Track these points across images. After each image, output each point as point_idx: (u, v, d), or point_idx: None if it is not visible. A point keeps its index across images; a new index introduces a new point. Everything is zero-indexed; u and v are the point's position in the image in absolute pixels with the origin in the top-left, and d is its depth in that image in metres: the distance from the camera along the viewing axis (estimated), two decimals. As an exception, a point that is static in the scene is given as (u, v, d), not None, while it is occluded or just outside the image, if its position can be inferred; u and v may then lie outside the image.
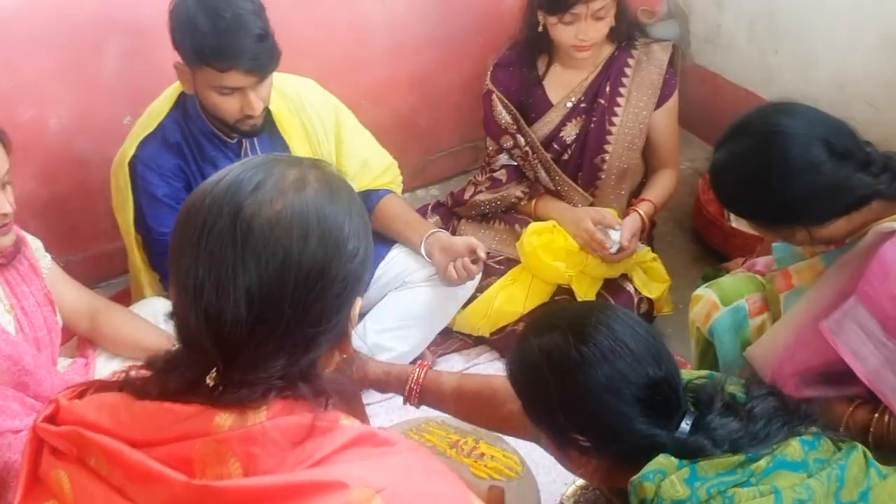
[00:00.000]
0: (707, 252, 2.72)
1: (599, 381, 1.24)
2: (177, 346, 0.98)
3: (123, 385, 0.97)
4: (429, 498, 0.92)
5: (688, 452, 1.21)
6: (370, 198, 2.36)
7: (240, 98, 1.95)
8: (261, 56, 1.89)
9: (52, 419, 0.98)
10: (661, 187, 2.52)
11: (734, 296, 1.87)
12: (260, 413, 0.90)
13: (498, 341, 2.39)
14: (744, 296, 1.87)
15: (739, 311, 1.84)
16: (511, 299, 2.36)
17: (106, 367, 1.96)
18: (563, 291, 2.38)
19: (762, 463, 1.18)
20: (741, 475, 1.18)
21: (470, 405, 1.65)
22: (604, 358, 1.24)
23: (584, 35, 2.28)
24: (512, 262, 2.44)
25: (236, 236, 0.89)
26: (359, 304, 1.01)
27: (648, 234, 2.53)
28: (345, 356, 1.04)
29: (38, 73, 2.30)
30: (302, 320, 0.92)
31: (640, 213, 2.39)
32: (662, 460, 1.20)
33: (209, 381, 0.92)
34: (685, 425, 1.25)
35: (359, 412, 1.65)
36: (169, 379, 0.94)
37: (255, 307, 0.89)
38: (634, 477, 1.20)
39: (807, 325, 1.63)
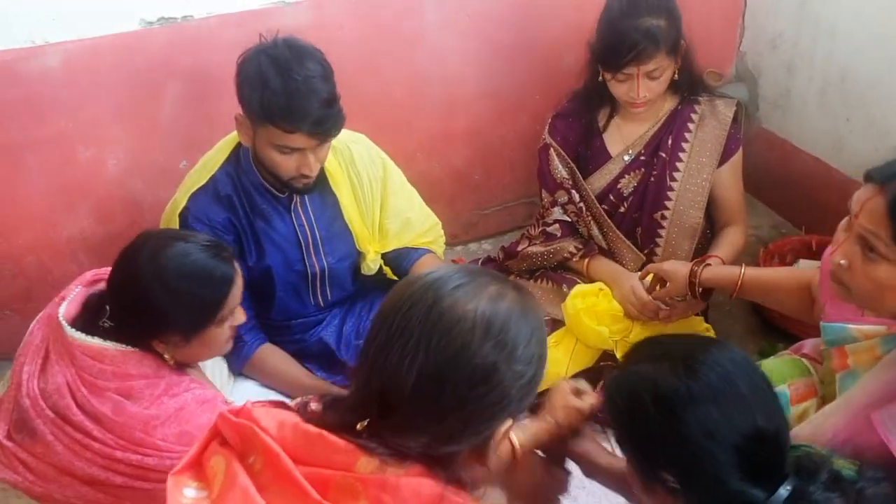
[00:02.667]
0: (765, 326, 2.61)
1: (703, 423, 1.16)
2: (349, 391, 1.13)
3: (299, 409, 1.13)
4: None
5: None
6: (409, 255, 2.35)
7: (298, 158, 1.96)
8: (327, 121, 1.90)
9: (236, 414, 1.12)
10: (729, 244, 2.43)
11: (776, 380, 1.77)
12: (400, 469, 1.02)
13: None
14: (786, 381, 1.78)
15: (781, 398, 1.72)
16: (554, 362, 2.28)
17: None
18: (608, 357, 2.30)
19: None
20: None
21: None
22: (712, 398, 1.17)
23: (635, 94, 2.26)
24: (557, 324, 2.37)
25: (429, 319, 1.04)
26: (508, 424, 1.10)
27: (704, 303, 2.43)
28: (483, 467, 1.13)
29: (99, 114, 2.35)
30: (454, 412, 1.04)
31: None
32: None
33: (359, 427, 1.05)
34: (784, 491, 1.15)
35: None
36: (330, 414, 1.10)
37: (420, 382, 1.02)
38: None
39: (859, 413, 1.51)
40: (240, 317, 1.77)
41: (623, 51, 2.18)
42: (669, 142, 2.41)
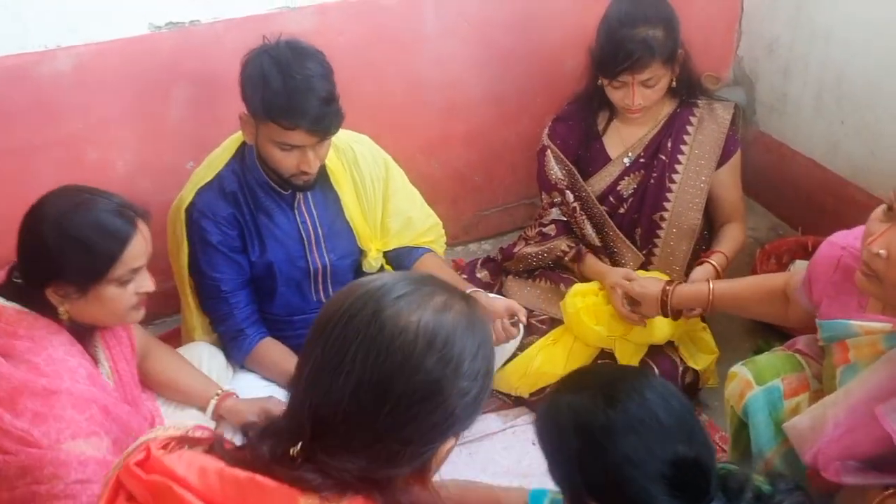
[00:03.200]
0: (762, 326, 2.64)
1: (624, 451, 1.19)
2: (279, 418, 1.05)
3: (213, 447, 1.03)
4: None
5: None
6: (410, 254, 2.39)
7: (298, 155, 2.00)
8: (325, 118, 1.94)
9: (143, 466, 1.02)
10: (730, 239, 2.49)
11: (769, 375, 1.81)
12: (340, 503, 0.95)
13: (537, 402, 2.36)
14: (780, 375, 1.80)
15: (774, 392, 1.78)
16: (551, 360, 2.33)
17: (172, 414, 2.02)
18: (606, 355, 2.35)
19: None
20: None
21: None
22: (631, 427, 1.20)
23: (630, 100, 2.30)
24: (555, 322, 2.42)
25: (369, 330, 0.97)
26: (450, 445, 1.05)
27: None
28: (425, 492, 1.07)
29: (108, 116, 2.40)
30: (392, 430, 0.97)
31: (712, 264, 2.36)
32: None
33: (292, 452, 0.97)
34: None
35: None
36: (260, 446, 1.00)
37: (357, 397, 0.96)
38: None
39: (860, 406, 1.55)
40: (146, 284, 1.74)
41: (619, 59, 2.23)
42: (669, 144, 2.46)
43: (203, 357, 2.19)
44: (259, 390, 2.12)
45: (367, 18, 2.58)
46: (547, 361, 2.33)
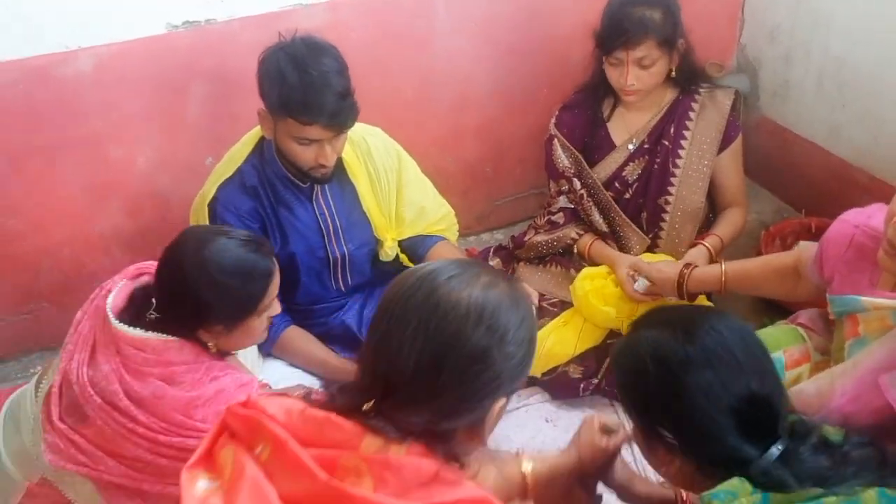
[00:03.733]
0: (767, 304, 2.69)
1: (699, 384, 1.24)
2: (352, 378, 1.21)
3: (305, 396, 1.21)
4: None
5: (768, 481, 1.19)
6: (424, 243, 2.44)
7: (316, 149, 2.06)
8: (341, 113, 2.00)
9: (243, 406, 1.19)
10: (728, 223, 2.55)
11: (772, 347, 1.82)
12: (402, 448, 1.09)
13: (548, 382, 2.43)
14: (782, 347, 1.87)
15: (777, 363, 1.83)
16: (562, 341, 2.40)
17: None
18: (615, 335, 2.41)
19: (832, 499, 1.16)
20: None
21: None
22: (708, 361, 1.25)
23: (624, 79, 2.36)
24: (565, 305, 2.49)
25: (426, 306, 1.12)
26: (502, 404, 1.18)
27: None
28: (478, 446, 1.21)
29: (129, 114, 2.46)
30: (451, 389, 1.11)
31: (706, 246, 2.42)
32: (737, 483, 1.19)
33: (365, 407, 1.12)
34: (775, 450, 1.22)
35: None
36: (338, 398, 1.17)
37: (419, 363, 1.10)
38: (706, 493, 1.20)
39: (867, 376, 1.61)
40: (276, 307, 1.86)
41: (615, 34, 2.31)
42: (672, 130, 2.52)
43: (239, 348, 2.27)
44: (287, 376, 2.20)
45: (378, 15, 2.63)
46: (558, 342, 2.40)
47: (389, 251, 2.41)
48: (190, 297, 1.70)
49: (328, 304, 2.41)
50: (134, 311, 1.76)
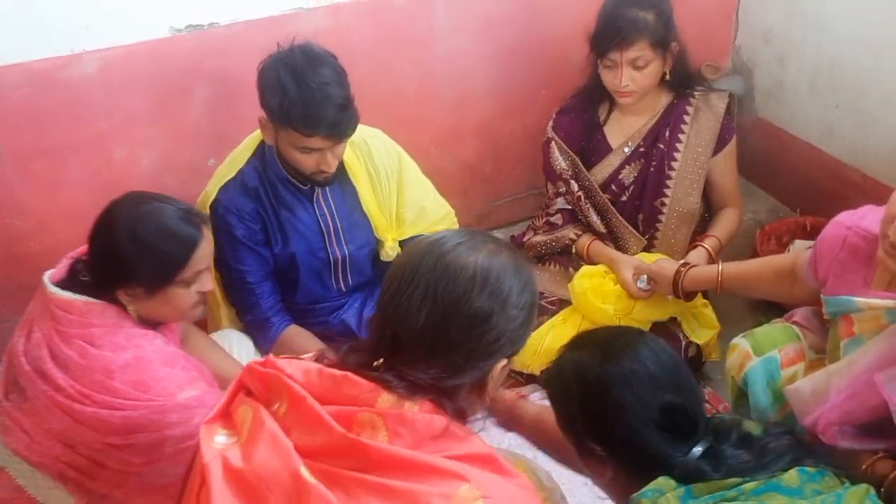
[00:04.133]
0: (763, 303, 2.73)
1: (617, 399, 1.35)
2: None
3: (318, 358, 1.27)
4: None
5: (691, 476, 1.29)
6: None
7: (318, 157, 2.09)
8: (341, 124, 2.03)
9: (262, 365, 1.25)
10: (724, 224, 2.60)
11: (767, 346, 1.91)
12: (414, 405, 1.16)
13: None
14: (777, 346, 1.90)
15: (771, 362, 1.88)
16: (561, 338, 2.37)
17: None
18: (613, 333, 2.44)
19: (752, 484, 1.25)
20: (732, 493, 1.24)
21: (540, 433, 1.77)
22: (624, 378, 1.36)
23: (618, 80, 2.39)
24: (564, 303, 2.52)
25: (435, 269, 1.19)
26: (503, 365, 1.25)
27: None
28: (482, 404, 1.29)
29: (133, 116, 2.49)
30: (458, 347, 1.18)
31: (705, 248, 2.46)
32: (662, 481, 1.28)
33: (375, 364, 1.19)
34: (697, 449, 1.33)
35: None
36: (350, 357, 1.24)
37: (428, 322, 1.17)
38: (634, 494, 1.29)
39: (862, 375, 1.65)
40: (207, 284, 1.84)
41: (608, 36, 2.35)
42: (667, 134, 2.55)
43: (233, 343, 2.29)
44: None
45: (379, 17, 2.66)
46: (557, 340, 2.42)
47: (390, 251, 2.43)
48: (109, 251, 1.72)
49: (328, 303, 2.45)
50: (70, 277, 1.79)
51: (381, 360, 1.20)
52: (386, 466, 1.10)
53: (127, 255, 1.71)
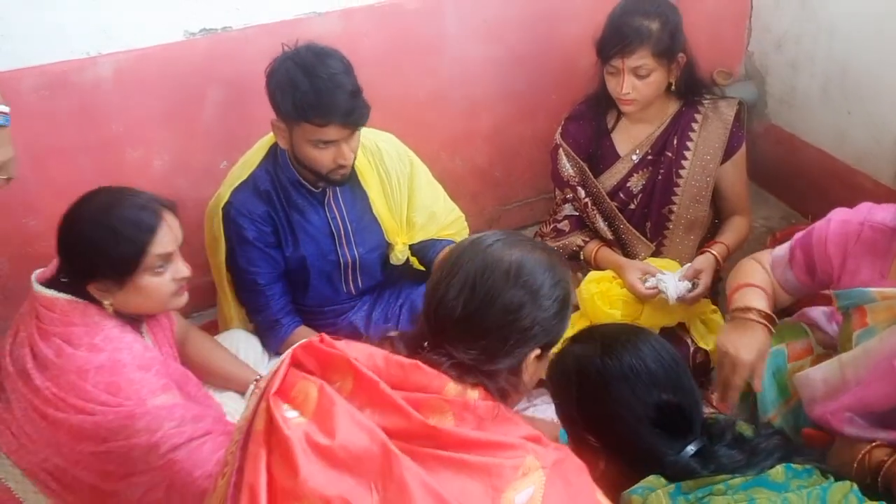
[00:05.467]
0: (772, 308, 2.73)
1: (614, 393, 1.40)
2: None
3: (381, 343, 1.35)
4: (573, 494, 1.21)
5: (681, 473, 1.33)
6: (434, 246, 2.47)
7: (334, 150, 2.10)
8: (354, 111, 2.05)
9: (320, 342, 1.31)
10: (733, 231, 2.59)
11: (775, 341, 1.92)
12: (474, 393, 1.26)
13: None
14: (785, 341, 1.92)
15: (779, 356, 1.90)
16: (568, 344, 2.43)
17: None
18: (621, 339, 2.44)
19: (739, 479, 1.29)
20: (720, 487, 1.28)
21: None
22: (623, 374, 1.40)
23: (620, 88, 2.39)
24: (572, 308, 2.52)
25: (475, 263, 1.32)
26: (537, 354, 1.33)
27: (712, 287, 2.58)
28: (518, 394, 1.37)
29: (145, 118, 2.52)
30: (495, 332, 1.29)
31: (713, 254, 2.46)
32: (652, 479, 1.32)
33: (425, 344, 1.31)
34: (690, 448, 1.36)
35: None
36: (398, 344, 1.34)
37: (468, 307, 1.29)
38: (625, 491, 1.32)
39: (878, 363, 1.67)
40: (182, 270, 1.83)
41: (612, 42, 2.35)
42: (675, 142, 2.54)
43: (240, 343, 2.31)
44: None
45: (390, 22, 2.68)
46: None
47: (400, 255, 2.45)
48: (71, 245, 1.74)
49: (338, 305, 2.46)
50: (54, 277, 1.80)
51: (426, 344, 1.31)
52: (458, 445, 1.20)
53: (88, 246, 1.72)
